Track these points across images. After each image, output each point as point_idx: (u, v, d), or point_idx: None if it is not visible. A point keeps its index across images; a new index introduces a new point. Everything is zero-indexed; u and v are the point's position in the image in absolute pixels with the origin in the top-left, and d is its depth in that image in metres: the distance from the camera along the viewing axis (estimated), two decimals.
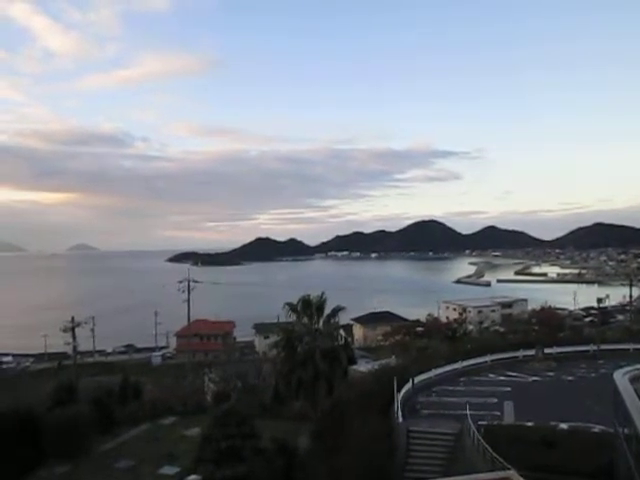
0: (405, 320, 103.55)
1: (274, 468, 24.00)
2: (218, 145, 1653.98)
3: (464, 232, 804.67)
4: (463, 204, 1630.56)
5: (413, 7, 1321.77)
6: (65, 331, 71.62)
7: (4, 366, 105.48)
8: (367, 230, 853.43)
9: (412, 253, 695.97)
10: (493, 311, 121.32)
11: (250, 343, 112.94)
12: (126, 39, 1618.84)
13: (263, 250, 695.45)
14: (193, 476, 22.73)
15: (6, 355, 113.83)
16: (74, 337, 71.27)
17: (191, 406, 43.30)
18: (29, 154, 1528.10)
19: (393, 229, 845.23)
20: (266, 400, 41.12)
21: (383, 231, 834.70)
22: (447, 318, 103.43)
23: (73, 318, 71.12)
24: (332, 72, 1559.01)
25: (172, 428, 38.58)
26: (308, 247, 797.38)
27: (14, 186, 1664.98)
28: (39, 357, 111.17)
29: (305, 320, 43.30)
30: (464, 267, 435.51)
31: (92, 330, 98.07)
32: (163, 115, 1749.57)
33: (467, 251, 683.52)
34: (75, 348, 72.63)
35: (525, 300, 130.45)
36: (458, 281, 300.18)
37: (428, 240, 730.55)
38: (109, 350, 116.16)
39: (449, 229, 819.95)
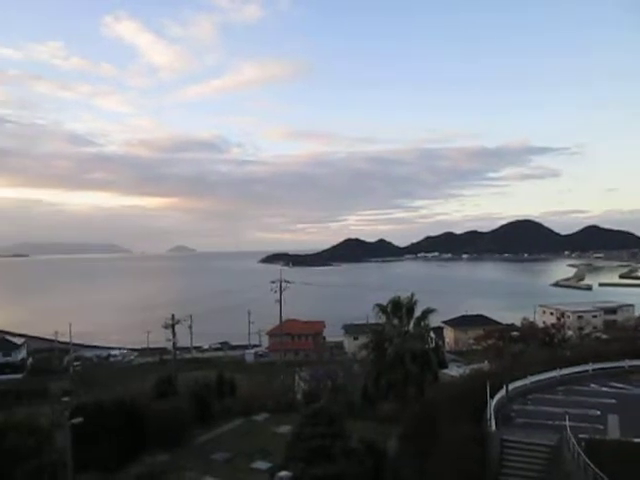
0: (499, 324, 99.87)
1: (363, 469, 24.08)
2: (308, 148, 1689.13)
3: (562, 232, 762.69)
4: (562, 203, 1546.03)
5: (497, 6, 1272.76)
6: (166, 328, 75.96)
7: (112, 359, 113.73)
8: (458, 231, 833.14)
9: (506, 255, 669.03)
10: (595, 317, 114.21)
11: (339, 343, 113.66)
12: (223, 49, 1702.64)
13: (352, 251, 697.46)
14: (284, 472, 23.27)
15: (114, 349, 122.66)
16: (174, 334, 75.35)
17: (282, 404, 44.37)
18: (135, 162, 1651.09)
19: (486, 230, 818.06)
20: (355, 401, 41.27)
21: (475, 232, 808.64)
22: (544, 323, 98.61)
23: (173, 316, 75.20)
24: (421, 72, 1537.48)
25: (264, 424, 39.76)
26: (397, 248, 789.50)
27: (121, 192, 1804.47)
28: (142, 351, 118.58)
29: (395, 322, 42.99)
30: (562, 269, 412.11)
31: (190, 327, 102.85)
32: (257, 121, 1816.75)
33: (566, 252, 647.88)
34: (175, 344, 76.74)
35: (631, 306, 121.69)
36: (556, 284, 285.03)
37: (523, 241, 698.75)
38: (205, 347, 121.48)
39: (546, 229, 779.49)
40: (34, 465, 24.04)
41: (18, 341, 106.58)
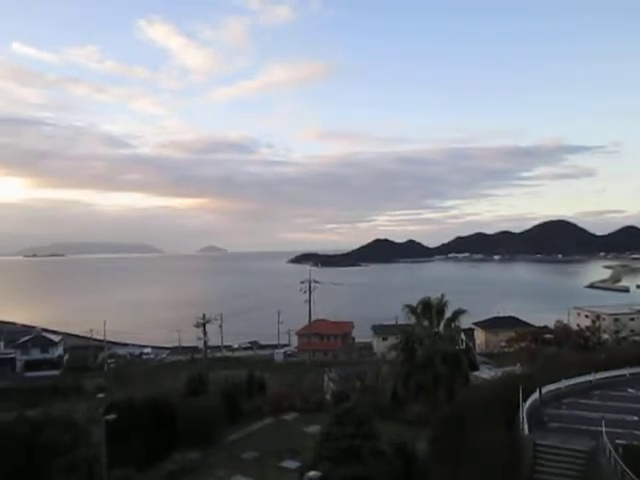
0: (531, 326, 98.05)
1: (392, 471, 23.95)
2: (337, 148, 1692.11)
3: (598, 233, 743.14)
4: (597, 203, 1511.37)
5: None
6: (197, 327, 77.21)
7: (144, 357, 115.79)
8: (490, 231, 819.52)
9: (538, 255, 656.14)
10: (632, 319, 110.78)
11: (368, 344, 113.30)
12: (254, 51, 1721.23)
13: (381, 251, 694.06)
14: (313, 472, 23.29)
15: (146, 347, 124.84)
16: (205, 332, 76.44)
17: (311, 404, 44.49)
18: (167, 163, 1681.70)
19: (518, 230, 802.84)
20: (384, 402, 41.06)
21: (507, 232, 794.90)
22: (578, 325, 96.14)
23: (204, 315, 76.42)
24: (452, 72, 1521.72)
25: (293, 424, 39.94)
26: (427, 249, 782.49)
27: (154, 192, 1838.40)
28: (174, 350, 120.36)
29: (425, 323, 42.60)
30: (598, 271, 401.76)
31: (220, 326, 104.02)
32: (287, 121, 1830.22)
33: (601, 254, 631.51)
34: (206, 343, 77.83)
35: None
36: (591, 286, 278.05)
37: (556, 242, 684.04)
38: (235, 346, 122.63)
39: (580, 230, 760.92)
40: (70, 460, 24.69)
41: (55, 338, 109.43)
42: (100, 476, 25.61)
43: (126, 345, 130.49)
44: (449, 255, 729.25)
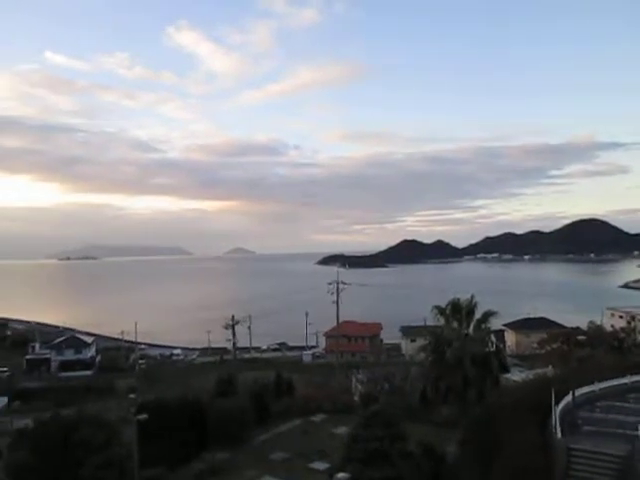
0: (563, 327, 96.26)
1: (422, 473, 23.79)
2: (364, 149, 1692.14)
3: (632, 232, 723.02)
4: (632, 200, 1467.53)
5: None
6: (226, 328, 77.92)
7: (174, 358, 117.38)
8: (519, 231, 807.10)
9: (570, 255, 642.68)
10: None
11: (396, 345, 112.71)
12: (280, 54, 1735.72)
13: (409, 252, 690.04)
14: (342, 474, 23.30)
15: (176, 348, 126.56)
16: (234, 334, 77.11)
17: (340, 405, 44.46)
18: (195, 166, 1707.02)
19: (548, 229, 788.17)
20: (413, 403, 40.79)
21: (537, 232, 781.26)
22: (612, 327, 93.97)
23: (233, 317, 77.11)
24: (479, 72, 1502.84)
25: (322, 425, 39.96)
26: (456, 249, 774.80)
27: (182, 196, 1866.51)
28: (203, 351, 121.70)
29: (454, 324, 42.14)
30: (632, 270, 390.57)
31: (249, 328, 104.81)
32: (314, 123, 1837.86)
33: (635, 253, 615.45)
34: (235, 344, 78.51)
35: None
36: (625, 286, 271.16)
37: (588, 241, 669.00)
38: (264, 347, 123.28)
39: (614, 228, 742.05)
40: (103, 457, 25.18)
41: (88, 339, 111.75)
42: (132, 474, 26.08)
43: (157, 346, 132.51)
44: (478, 255, 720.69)
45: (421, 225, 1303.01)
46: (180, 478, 29.41)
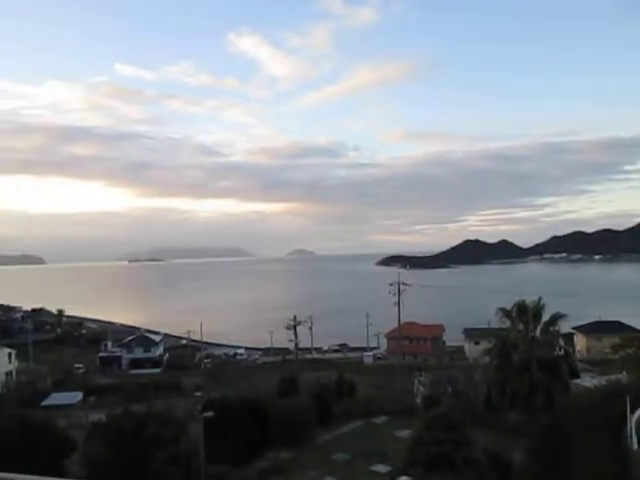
0: (638, 331, 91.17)
1: None
2: (424, 148, 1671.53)
3: None
4: None
5: None
6: (288, 328, 78.80)
7: (238, 357, 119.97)
8: (589, 229, 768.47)
9: None
10: None
11: (460, 348, 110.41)
12: (338, 55, 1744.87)
13: (471, 252, 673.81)
14: (404, 477, 23.04)
15: (240, 348, 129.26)
16: (296, 334, 77.83)
17: (401, 407, 44.05)
18: (257, 169, 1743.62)
19: (621, 228, 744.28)
20: (477, 408, 39.83)
21: (609, 230, 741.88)
22: None
23: (295, 317, 77.87)
24: (545, 62, 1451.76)
25: (383, 427, 39.73)
26: (520, 249, 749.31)
27: (244, 198, 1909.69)
28: (266, 351, 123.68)
29: (520, 327, 40.81)
30: None
31: (310, 329, 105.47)
32: (373, 123, 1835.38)
33: None
34: (297, 344, 79.21)
35: None
36: None
37: None
38: (325, 348, 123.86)
39: None
40: (171, 452, 26.01)
41: (156, 338, 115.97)
42: (198, 470, 26.84)
43: (221, 346, 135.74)
44: (544, 255, 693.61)
45: (484, 224, 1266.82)
46: (244, 476, 30.00)
